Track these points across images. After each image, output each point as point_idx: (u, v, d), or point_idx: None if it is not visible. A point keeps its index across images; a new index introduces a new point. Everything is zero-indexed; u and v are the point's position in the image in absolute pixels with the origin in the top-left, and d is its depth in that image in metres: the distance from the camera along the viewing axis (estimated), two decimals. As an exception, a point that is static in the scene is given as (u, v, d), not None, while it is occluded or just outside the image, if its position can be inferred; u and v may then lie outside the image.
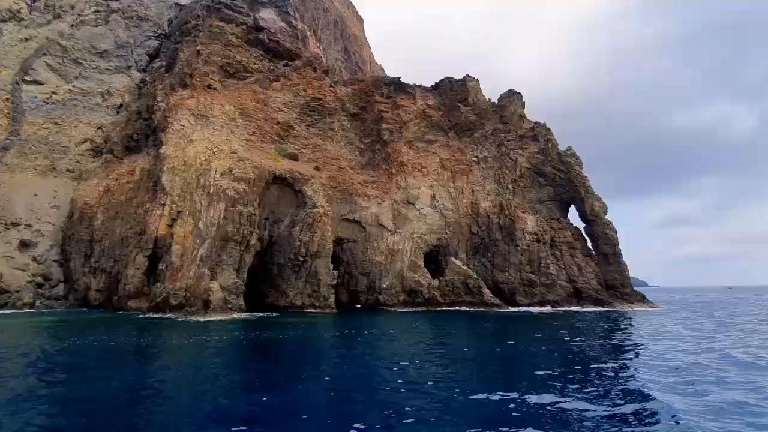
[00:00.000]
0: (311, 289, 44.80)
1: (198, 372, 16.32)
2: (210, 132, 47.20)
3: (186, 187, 44.11)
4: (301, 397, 12.39)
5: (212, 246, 40.17)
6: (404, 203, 52.09)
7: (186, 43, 59.41)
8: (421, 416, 10.45)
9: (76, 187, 63.28)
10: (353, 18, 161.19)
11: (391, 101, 58.80)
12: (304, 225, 45.40)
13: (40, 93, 66.99)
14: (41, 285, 49.45)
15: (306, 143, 52.86)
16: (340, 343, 24.55)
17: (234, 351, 21.88)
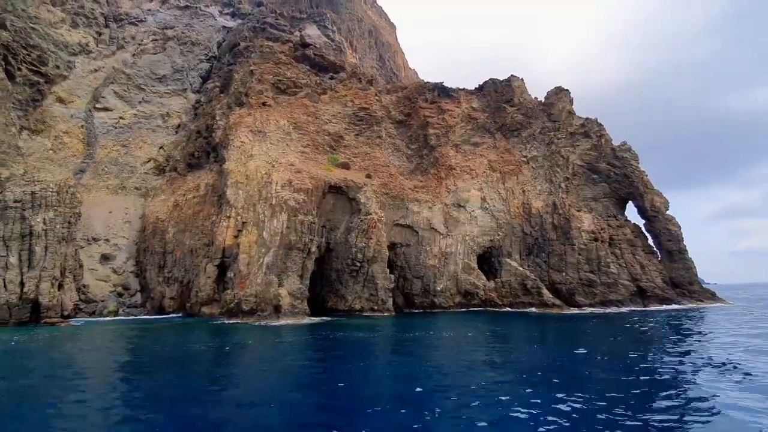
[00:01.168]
0: (369, 293, 46.11)
1: (301, 368, 17.72)
2: (268, 146, 49.85)
3: (249, 200, 46.80)
4: (381, 391, 13.35)
5: (277, 254, 42.39)
6: (455, 206, 52.49)
7: (239, 64, 63.03)
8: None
9: (144, 203, 68.56)
10: (386, 26, 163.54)
11: (435, 106, 59.53)
12: (359, 231, 46.87)
13: (109, 118, 73.17)
14: (121, 294, 53.91)
15: (356, 152, 54.56)
16: (409, 342, 25.42)
17: (317, 350, 23.28)
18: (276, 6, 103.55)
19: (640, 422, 9.94)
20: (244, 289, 43.43)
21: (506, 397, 12.25)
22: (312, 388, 14.71)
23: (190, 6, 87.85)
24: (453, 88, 60.68)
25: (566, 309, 44.76)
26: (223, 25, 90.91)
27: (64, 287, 44.43)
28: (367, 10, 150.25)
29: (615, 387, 13.41)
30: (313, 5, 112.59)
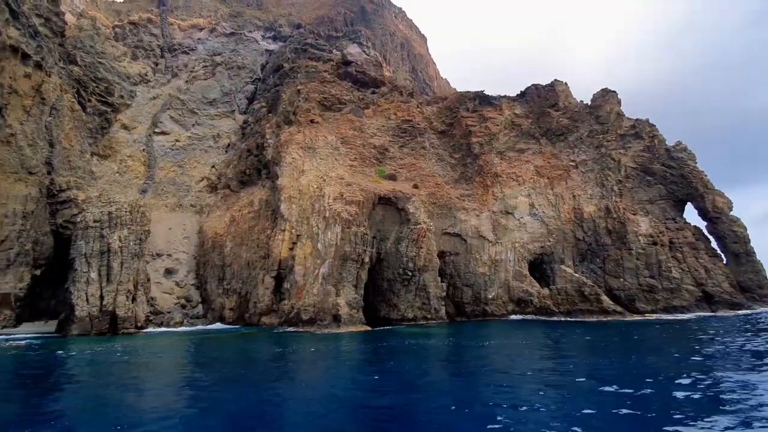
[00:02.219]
0: (421, 301, 46.58)
1: (377, 371, 18.51)
2: (318, 162, 51.89)
3: (302, 213, 48.77)
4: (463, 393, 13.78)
5: (332, 265, 43.82)
6: (503, 213, 52.28)
7: (286, 84, 66.14)
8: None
9: (200, 220, 72.62)
10: (417, 38, 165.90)
11: (477, 115, 59.88)
12: (409, 241, 47.62)
13: (166, 141, 78.38)
14: (184, 306, 57.14)
15: (401, 163, 55.66)
16: (466, 349, 25.64)
17: (383, 357, 24.02)
18: (313, 27, 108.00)
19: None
20: (301, 299, 45.10)
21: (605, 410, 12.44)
22: (388, 391, 15.42)
23: (235, 33, 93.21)
24: (494, 96, 60.86)
25: (628, 316, 43.26)
26: (265, 49, 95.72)
27: (137, 300, 47.81)
28: (398, 24, 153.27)
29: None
30: (348, 23, 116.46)
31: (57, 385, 19.59)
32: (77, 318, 42.01)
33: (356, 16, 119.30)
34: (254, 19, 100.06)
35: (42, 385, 19.45)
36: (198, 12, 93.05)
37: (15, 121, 48.30)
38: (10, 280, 46.77)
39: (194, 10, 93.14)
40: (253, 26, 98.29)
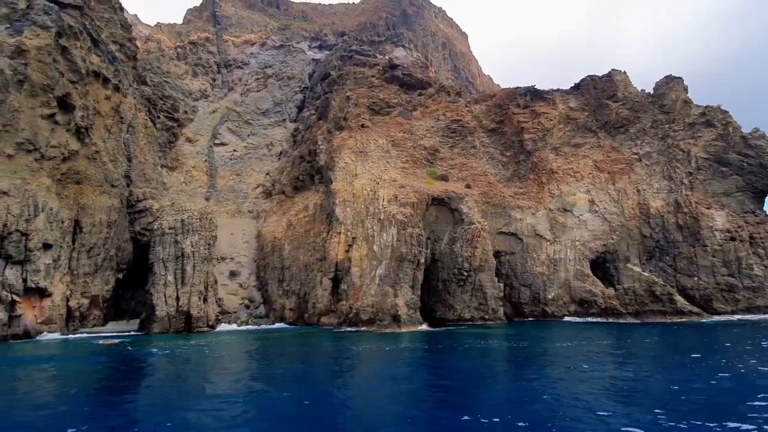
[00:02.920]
0: (477, 302, 46.22)
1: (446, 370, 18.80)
2: (370, 165, 53.03)
3: (357, 216, 50.04)
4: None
5: (389, 266, 44.62)
6: (560, 211, 50.66)
7: (335, 91, 68.12)
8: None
9: (257, 225, 76.42)
10: (458, 36, 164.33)
11: (528, 110, 58.47)
12: (464, 241, 47.42)
13: (225, 152, 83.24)
14: (248, 306, 60.42)
15: (452, 163, 55.54)
16: (535, 350, 25.15)
17: (452, 356, 24.22)
18: (356, 33, 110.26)
19: None
20: (358, 300, 46.30)
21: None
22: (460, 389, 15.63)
23: (284, 45, 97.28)
24: (546, 90, 59.14)
25: (705, 317, 40.38)
26: (312, 58, 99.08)
27: (208, 300, 51.23)
28: (439, 24, 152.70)
29: None
30: (390, 27, 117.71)
31: (173, 375, 21.74)
32: (158, 317, 45.77)
33: (398, 19, 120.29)
34: (301, 31, 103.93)
35: (160, 375, 21.70)
36: (249, 28, 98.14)
37: (99, 139, 53.48)
38: (98, 283, 51.72)
39: (246, 26, 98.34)
40: (300, 37, 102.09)
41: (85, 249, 49.94)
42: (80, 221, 49.62)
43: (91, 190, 51.52)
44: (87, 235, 50.07)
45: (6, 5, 45.96)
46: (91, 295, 50.77)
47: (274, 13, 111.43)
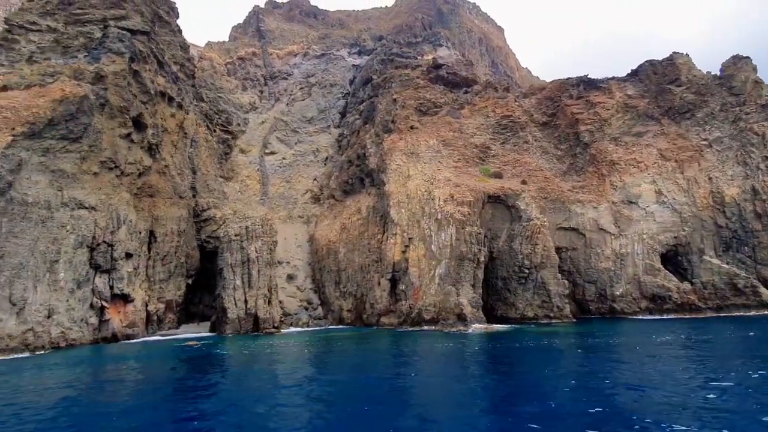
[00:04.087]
0: (540, 300, 45.29)
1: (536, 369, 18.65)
2: (422, 166, 53.37)
3: (412, 217, 50.48)
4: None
5: (449, 265, 44.69)
6: (625, 203, 48.68)
7: (381, 95, 69.06)
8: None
9: (307, 229, 78.73)
10: (494, 30, 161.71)
11: (583, 101, 56.68)
12: (523, 238, 46.65)
13: (275, 160, 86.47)
14: (307, 308, 62.36)
15: (505, 160, 54.81)
16: (616, 350, 24.30)
17: (531, 357, 23.97)
18: (393, 36, 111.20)
19: None
20: (419, 299, 46.68)
21: None
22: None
23: (325, 53, 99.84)
24: (600, 79, 57.10)
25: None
26: (352, 64, 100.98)
27: (272, 303, 53.45)
28: (473, 20, 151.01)
29: None
30: (426, 27, 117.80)
31: (272, 370, 23.11)
32: (229, 320, 48.29)
33: (433, 18, 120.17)
34: (340, 38, 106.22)
35: (257, 370, 23.11)
36: (291, 40, 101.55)
37: (167, 154, 57.24)
38: (172, 288, 55.19)
39: (288, 38, 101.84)
40: (340, 45, 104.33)
41: (160, 257, 53.53)
42: (154, 231, 53.26)
43: (162, 202, 55.18)
44: (161, 244, 53.66)
45: (83, 35, 50.37)
46: (166, 300, 54.29)
47: (313, 23, 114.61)
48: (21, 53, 47.76)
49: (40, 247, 38.83)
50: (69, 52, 48.02)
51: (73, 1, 49.87)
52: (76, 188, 42.66)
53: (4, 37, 47.94)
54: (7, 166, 36.86)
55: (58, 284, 40.43)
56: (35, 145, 39.40)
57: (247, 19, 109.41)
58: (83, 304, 42.64)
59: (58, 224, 40.67)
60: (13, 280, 36.24)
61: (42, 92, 42.27)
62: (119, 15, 50.09)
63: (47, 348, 37.07)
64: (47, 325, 38.14)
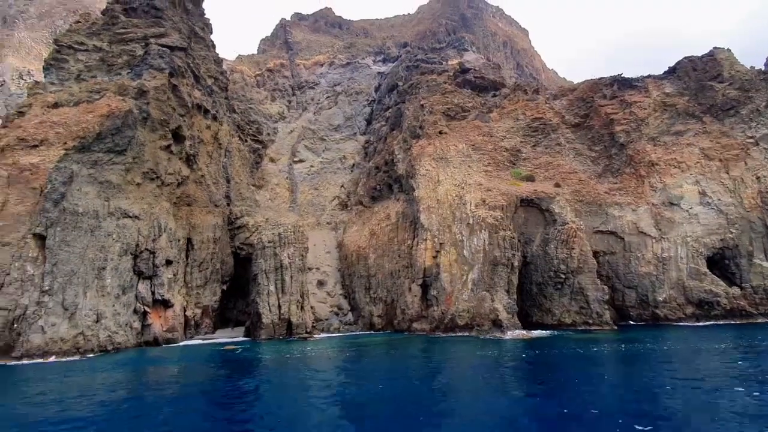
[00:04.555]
0: (578, 306, 44.00)
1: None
2: (452, 171, 53.12)
3: (443, 222, 50.20)
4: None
5: (482, 270, 44.12)
6: (666, 205, 46.83)
7: (408, 101, 69.39)
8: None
9: (335, 235, 79.50)
10: (518, 33, 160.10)
11: (617, 101, 55.14)
12: (558, 242, 45.56)
13: (303, 168, 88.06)
14: (337, 314, 62.78)
15: (537, 163, 53.87)
16: (671, 362, 23.21)
17: (578, 365, 23.23)
18: (417, 42, 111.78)
19: None
20: (451, 305, 46.23)
21: None
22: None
23: (350, 62, 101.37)
24: (636, 78, 55.41)
25: None
26: (377, 72, 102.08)
27: (304, 308, 54.14)
28: (497, 23, 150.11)
29: None
30: (450, 32, 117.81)
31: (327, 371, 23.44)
32: (264, 324, 49.17)
33: (457, 23, 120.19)
34: (365, 47, 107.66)
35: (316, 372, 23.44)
36: (318, 50, 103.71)
37: (203, 165, 59.29)
38: (208, 294, 56.77)
39: (315, 49, 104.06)
40: (365, 53, 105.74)
41: (197, 264, 55.24)
42: (192, 239, 55.05)
43: (199, 211, 57.07)
44: (198, 251, 55.41)
45: (126, 53, 53.11)
46: (203, 305, 55.87)
47: (338, 33, 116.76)
48: (70, 72, 50.82)
49: (89, 255, 40.85)
50: (113, 70, 50.73)
51: (116, 21, 52.75)
52: (121, 198, 44.75)
53: (55, 57, 51.16)
54: (60, 178, 39.11)
55: (105, 290, 42.35)
56: (85, 158, 41.66)
57: (275, 32, 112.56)
58: (128, 309, 44.47)
59: (105, 233, 42.71)
60: (65, 287, 38.24)
61: (90, 108, 44.78)
62: (159, 33, 52.56)
63: (96, 351, 38.75)
64: (96, 329, 39.94)
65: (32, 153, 39.37)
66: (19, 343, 34.71)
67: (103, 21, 52.60)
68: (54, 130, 41.30)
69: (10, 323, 35.34)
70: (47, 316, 36.35)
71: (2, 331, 35.26)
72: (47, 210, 37.48)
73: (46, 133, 40.70)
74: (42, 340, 35.56)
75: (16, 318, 35.53)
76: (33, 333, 35.25)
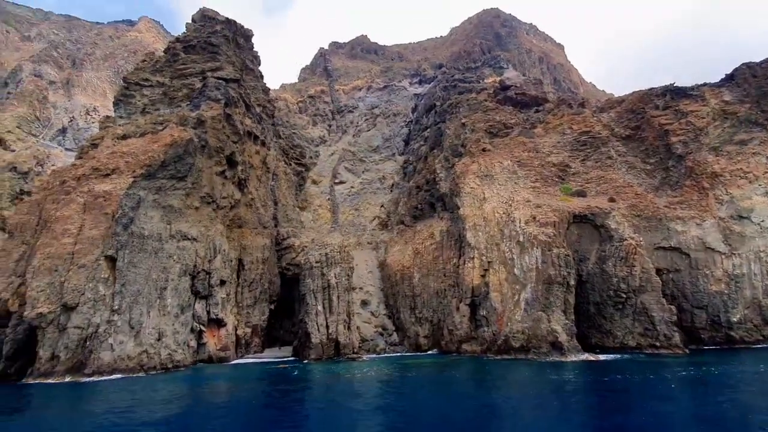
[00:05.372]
0: (642, 327, 41.42)
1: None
2: (497, 188, 52.43)
3: (491, 240, 49.28)
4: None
5: (535, 290, 42.65)
6: (734, 219, 43.82)
7: (449, 120, 69.84)
8: None
9: (377, 255, 79.73)
10: (554, 48, 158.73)
11: (671, 111, 52.94)
12: (616, 259, 43.46)
13: (344, 189, 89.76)
14: (382, 334, 62.29)
15: (587, 177, 52.23)
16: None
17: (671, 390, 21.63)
18: (452, 63, 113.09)
19: None
20: (502, 326, 44.77)
21: None
22: None
23: (387, 85, 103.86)
24: (691, 87, 53.15)
25: None
26: (414, 93, 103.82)
27: (350, 328, 54.16)
28: (531, 39, 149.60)
29: None
30: (484, 52, 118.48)
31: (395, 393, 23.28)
32: (313, 344, 49.50)
33: (492, 42, 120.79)
34: (401, 70, 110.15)
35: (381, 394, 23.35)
36: (356, 75, 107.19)
37: (253, 188, 61.81)
38: (257, 313, 58.09)
39: (353, 74, 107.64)
40: (401, 76, 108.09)
41: (247, 284, 56.92)
42: (242, 260, 56.96)
43: (249, 232, 59.21)
44: (248, 271, 57.18)
45: (186, 86, 57.06)
46: (252, 325, 57.17)
47: (375, 58, 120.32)
48: (136, 106, 55.15)
49: (152, 276, 43.14)
50: (174, 102, 54.58)
51: (177, 58, 57.09)
52: (181, 222, 47.29)
53: (123, 94, 55.80)
54: (130, 204, 41.99)
55: (166, 309, 44.33)
56: (150, 185, 44.59)
57: (314, 61, 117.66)
58: (185, 327, 46.22)
59: (167, 254, 45.07)
60: (132, 306, 40.44)
61: (155, 138, 48.18)
62: (215, 66, 56.31)
63: (158, 369, 40.34)
64: (158, 347, 41.70)
65: (105, 181, 42.61)
66: (90, 361, 36.74)
67: (165, 58, 57.06)
68: (124, 160, 44.65)
69: (83, 341, 37.60)
70: (116, 334, 38.42)
71: (76, 349, 37.54)
72: (118, 233, 40.16)
73: (117, 163, 44.04)
74: (111, 357, 37.50)
75: (89, 336, 37.78)
76: (103, 350, 37.28)
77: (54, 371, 35.45)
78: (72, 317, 36.93)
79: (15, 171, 75.33)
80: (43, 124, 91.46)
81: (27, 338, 38.84)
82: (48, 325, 36.14)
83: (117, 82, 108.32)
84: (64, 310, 36.82)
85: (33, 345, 38.37)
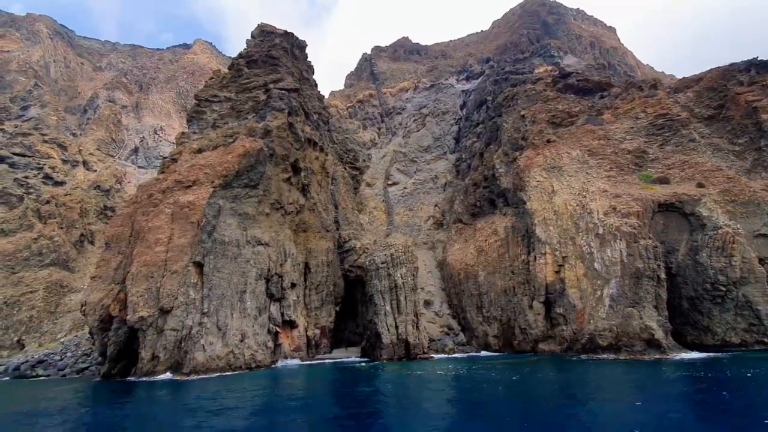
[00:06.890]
0: (746, 323, 37.85)
1: None
2: (567, 179, 50.20)
3: (564, 234, 47.20)
4: None
5: (621, 285, 40.25)
6: None
7: (505, 113, 68.00)
8: None
9: (434, 254, 79.08)
10: (605, 32, 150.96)
11: (757, 86, 48.36)
12: (711, 250, 40.08)
13: (397, 190, 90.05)
14: (448, 334, 61.49)
15: (667, 163, 48.76)
16: None
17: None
18: (498, 56, 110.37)
19: None
20: (583, 324, 42.63)
21: None
22: None
23: (434, 84, 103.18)
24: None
25: None
26: (461, 90, 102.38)
27: (419, 328, 53.88)
28: (581, 25, 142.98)
29: None
30: (532, 41, 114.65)
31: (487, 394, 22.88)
32: (384, 345, 49.71)
33: (540, 31, 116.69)
34: (447, 68, 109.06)
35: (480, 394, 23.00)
36: (401, 77, 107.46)
37: (315, 193, 63.40)
38: (324, 315, 59.30)
39: (398, 76, 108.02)
40: (447, 74, 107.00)
41: (314, 286, 58.32)
42: (309, 263, 58.48)
43: (313, 236, 60.72)
44: (314, 274, 58.61)
45: (251, 99, 59.66)
46: (320, 326, 58.43)
47: (418, 59, 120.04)
48: (207, 121, 58.39)
49: (233, 280, 45.28)
50: (242, 115, 57.24)
51: (241, 73, 59.89)
52: (255, 228, 49.35)
53: (195, 110, 59.28)
54: (211, 212, 44.38)
55: (246, 311, 46.33)
56: (227, 194, 46.93)
57: (359, 66, 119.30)
58: (263, 329, 48.04)
59: (245, 259, 47.15)
60: (218, 309, 42.62)
61: (228, 150, 50.73)
62: (276, 78, 58.47)
63: (243, 368, 42.18)
64: (242, 348, 43.61)
65: (188, 192, 45.32)
66: (186, 361, 39.05)
67: (230, 75, 60.05)
68: (202, 172, 47.31)
69: (179, 342, 40.08)
70: (206, 335, 40.60)
71: (173, 350, 40.08)
72: (203, 241, 42.52)
73: (196, 175, 46.73)
74: (204, 357, 39.65)
75: (183, 337, 40.21)
76: (197, 351, 39.49)
77: (155, 370, 37.99)
78: (168, 320, 39.45)
79: (99, 189, 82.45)
80: (118, 145, 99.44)
81: (127, 340, 42.03)
82: (148, 328, 38.84)
83: (179, 102, 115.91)
84: (161, 314, 39.42)
85: (131, 347, 41.49)
